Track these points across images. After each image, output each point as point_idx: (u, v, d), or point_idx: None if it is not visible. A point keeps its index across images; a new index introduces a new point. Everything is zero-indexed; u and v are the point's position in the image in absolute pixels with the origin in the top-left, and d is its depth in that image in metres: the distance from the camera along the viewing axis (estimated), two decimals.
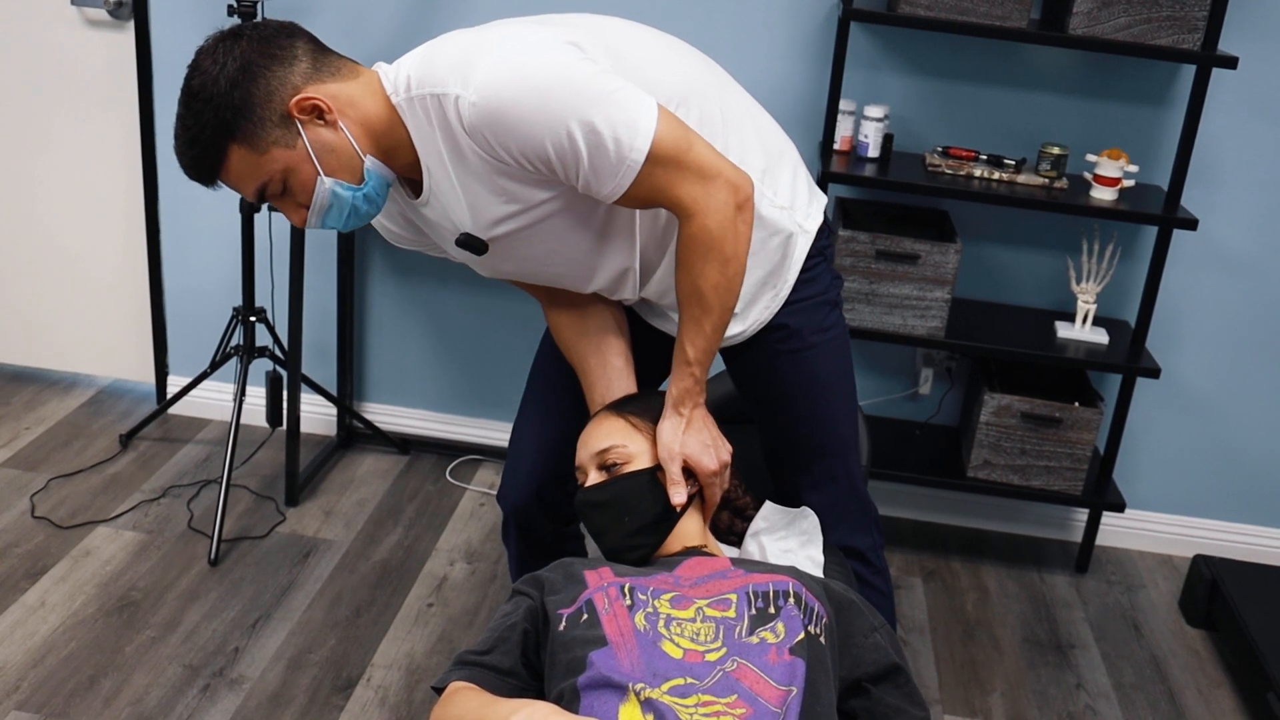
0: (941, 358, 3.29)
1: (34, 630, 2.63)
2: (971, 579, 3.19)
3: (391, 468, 3.44)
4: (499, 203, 1.74)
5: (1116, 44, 2.73)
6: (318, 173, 1.67)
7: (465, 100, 1.62)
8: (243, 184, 1.68)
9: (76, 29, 3.31)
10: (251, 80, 1.62)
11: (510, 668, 1.61)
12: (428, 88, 1.66)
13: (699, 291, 1.77)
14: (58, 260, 3.56)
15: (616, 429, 1.86)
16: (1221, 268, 3.12)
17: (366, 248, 3.38)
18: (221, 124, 1.62)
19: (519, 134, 1.62)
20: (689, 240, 1.73)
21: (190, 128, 1.63)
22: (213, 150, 1.64)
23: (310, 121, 1.65)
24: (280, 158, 1.65)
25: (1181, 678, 2.88)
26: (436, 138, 1.69)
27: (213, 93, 1.61)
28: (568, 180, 1.69)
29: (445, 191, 1.75)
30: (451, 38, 1.72)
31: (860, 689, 1.63)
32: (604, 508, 1.81)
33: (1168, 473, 3.33)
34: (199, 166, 1.66)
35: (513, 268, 1.90)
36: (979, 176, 2.92)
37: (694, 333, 1.81)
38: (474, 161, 1.69)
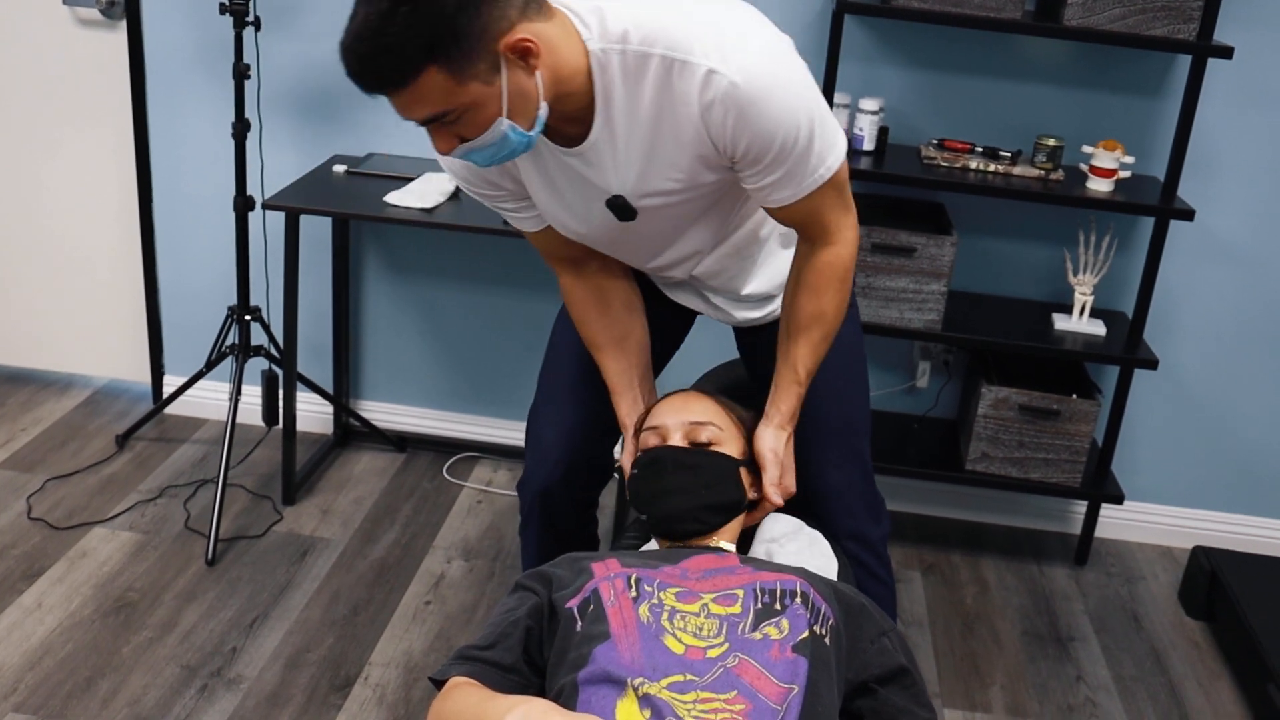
0: (939, 351, 3.28)
1: (31, 632, 2.62)
2: (971, 572, 3.18)
3: (388, 465, 3.44)
4: (670, 177, 1.72)
5: (1111, 35, 2.72)
6: (501, 114, 1.57)
7: (722, 77, 1.58)
8: (419, 107, 1.54)
9: (69, 29, 3.30)
10: (477, 8, 1.49)
11: (512, 664, 1.60)
12: (659, 48, 1.59)
13: (823, 315, 1.85)
14: (53, 261, 3.55)
15: (712, 409, 1.88)
16: (1218, 258, 3.11)
17: (361, 246, 3.37)
18: (432, 42, 1.47)
19: (760, 124, 1.61)
20: (823, 265, 1.82)
21: (388, 34, 1.46)
22: (408, 65, 1.48)
23: (515, 63, 1.54)
24: (475, 92, 1.53)
25: (1181, 669, 2.87)
26: (643, 98, 1.63)
27: (433, 8, 1.46)
28: (752, 175, 1.70)
29: (621, 150, 1.70)
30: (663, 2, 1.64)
31: (867, 689, 1.62)
32: (688, 470, 1.81)
33: (1166, 464, 3.33)
34: (380, 75, 1.50)
35: (616, 236, 1.87)
36: (975, 169, 2.91)
37: (808, 354, 1.88)
38: (682, 133, 1.65)
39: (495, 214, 2.88)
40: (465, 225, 2.85)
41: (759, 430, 1.90)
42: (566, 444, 2.12)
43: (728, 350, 2.33)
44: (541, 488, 2.14)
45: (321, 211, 2.91)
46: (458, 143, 1.60)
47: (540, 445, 2.14)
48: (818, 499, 2.07)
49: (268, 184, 3.28)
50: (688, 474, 1.81)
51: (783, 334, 1.91)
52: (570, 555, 1.73)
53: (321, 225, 3.33)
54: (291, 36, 3.18)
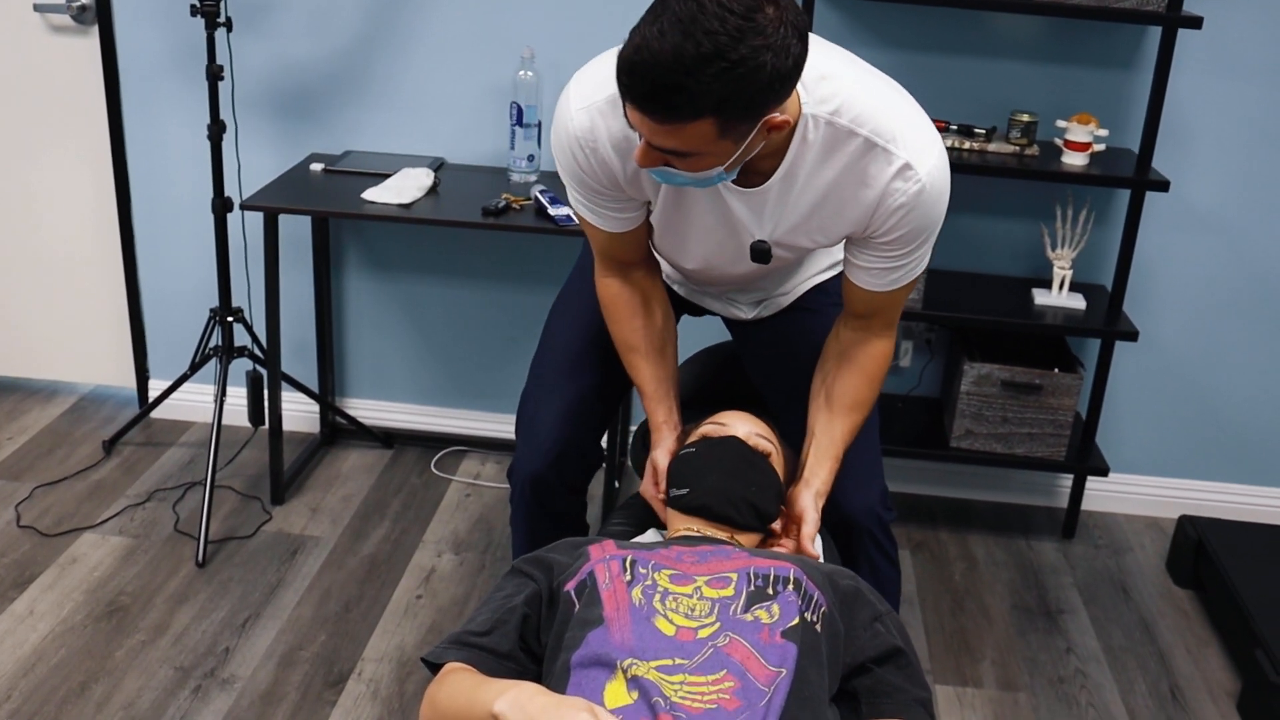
0: (920, 329, 3.29)
1: (23, 639, 2.63)
2: (959, 549, 3.20)
3: (376, 462, 3.44)
4: (816, 238, 1.84)
5: (1081, 8, 2.73)
6: (722, 165, 1.60)
7: (915, 174, 1.70)
8: (671, 139, 1.53)
9: (40, 35, 3.29)
10: (783, 85, 1.51)
11: (509, 651, 1.61)
12: (866, 130, 1.68)
13: (869, 402, 1.98)
14: (34, 269, 3.55)
15: (771, 434, 1.96)
16: (1195, 228, 3.13)
17: (341, 244, 3.37)
18: (725, 103, 1.48)
19: (922, 223, 1.76)
20: (879, 355, 1.96)
21: (691, 77, 1.45)
22: (692, 111, 1.48)
23: (763, 133, 1.59)
24: (723, 149, 1.56)
25: (1170, 638, 2.89)
26: (831, 166, 1.72)
27: (749, 78, 1.46)
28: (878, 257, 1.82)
29: (785, 202, 1.78)
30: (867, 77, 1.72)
31: (863, 669, 1.63)
32: (750, 465, 1.85)
33: (1150, 435, 3.34)
34: (660, 105, 1.49)
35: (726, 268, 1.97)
36: (950, 147, 2.92)
37: (849, 433, 1.97)
38: (854, 207, 1.75)
39: (473, 208, 2.88)
40: (444, 220, 2.85)
41: (799, 490, 1.94)
42: (559, 430, 2.14)
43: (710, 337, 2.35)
44: (533, 472, 2.15)
45: (300, 210, 2.91)
46: (662, 164, 1.61)
47: (533, 430, 2.15)
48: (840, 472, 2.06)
49: (245, 184, 3.28)
50: (748, 466, 1.85)
51: (821, 405, 1.99)
52: (568, 540, 1.74)
53: (301, 224, 3.33)
54: (264, 37, 3.17)
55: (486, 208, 2.87)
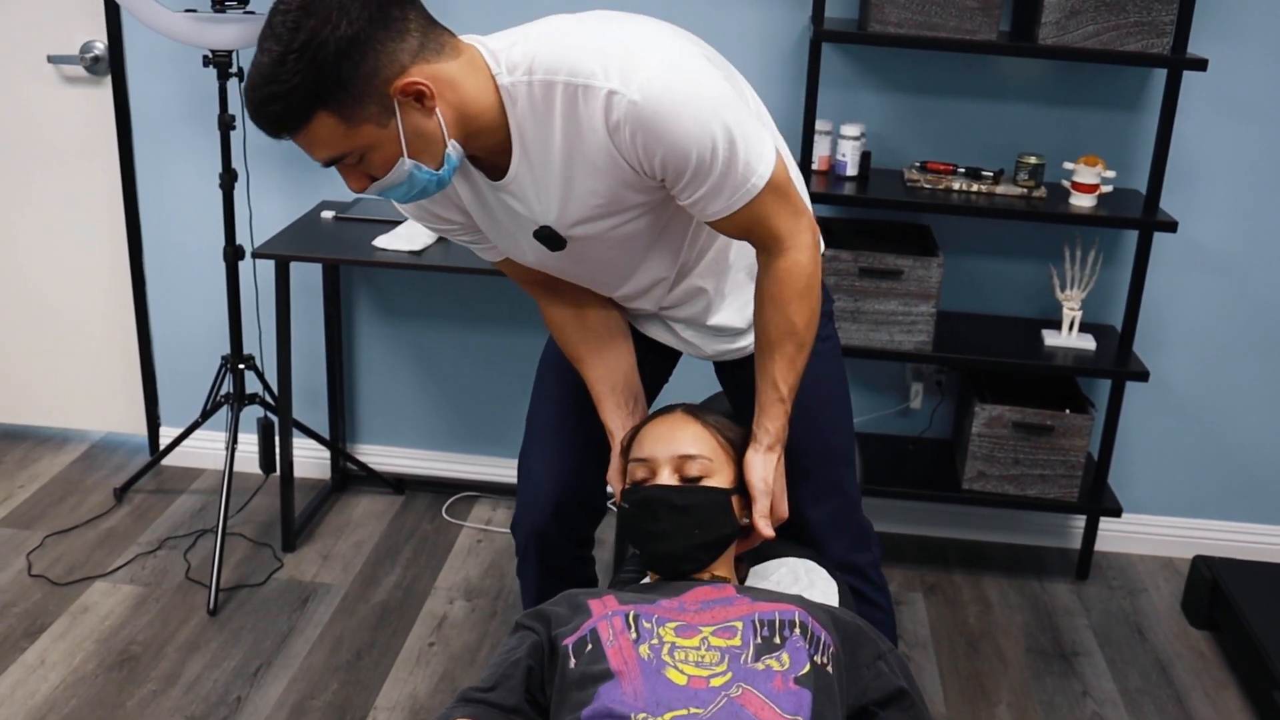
0: (930, 371, 3.29)
1: (35, 689, 2.62)
2: (973, 591, 3.18)
3: (387, 508, 3.44)
4: (594, 204, 1.71)
5: (1086, 52, 2.75)
6: (401, 154, 1.59)
7: (624, 98, 1.57)
8: (317, 150, 1.57)
9: (54, 85, 3.32)
10: (361, 54, 1.50)
11: (515, 705, 1.59)
12: (562, 75, 1.59)
13: (793, 327, 1.79)
14: (45, 317, 3.57)
15: (702, 438, 1.83)
16: (1204, 268, 3.13)
17: (352, 291, 3.38)
18: (318, 90, 1.50)
19: (671, 139, 1.59)
20: (783, 274, 1.77)
21: (282, 80, 1.49)
22: (300, 110, 1.51)
23: (409, 104, 1.56)
24: (369, 135, 1.55)
25: (1187, 680, 2.87)
26: (553, 127, 1.63)
27: (317, 56, 1.48)
28: (680, 191, 1.68)
29: (539, 180, 1.70)
30: (573, 25, 1.66)
31: (868, 713, 1.62)
32: (680, 511, 1.76)
33: (1163, 475, 3.33)
34: (276, 122, 1.53)
35: (560, 265, 1.87)
36: (958, 190, 2.93)
37: (787, 370, 1.82)
38: (595, 158, 1.64)
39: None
40: (455, 266, 2.87)
41: (748, 456, 1.85)
42: (556, 485, 2.11)
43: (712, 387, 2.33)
44: (534, 529, 2.13)
45: (311, 258, 2.92)
46: (369, 181, 1.62)
47: (530, 486, 2.14)
48: (805, 529, 2.07)
49: (257, 232, 3.30)
50: (680, 515, 1.77)
51: (758, 352, 1.87)
52: (569, 593, 1.72)
53: (312, 271, 3.34)
54: None
55: None
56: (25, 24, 3.28)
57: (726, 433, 1.87)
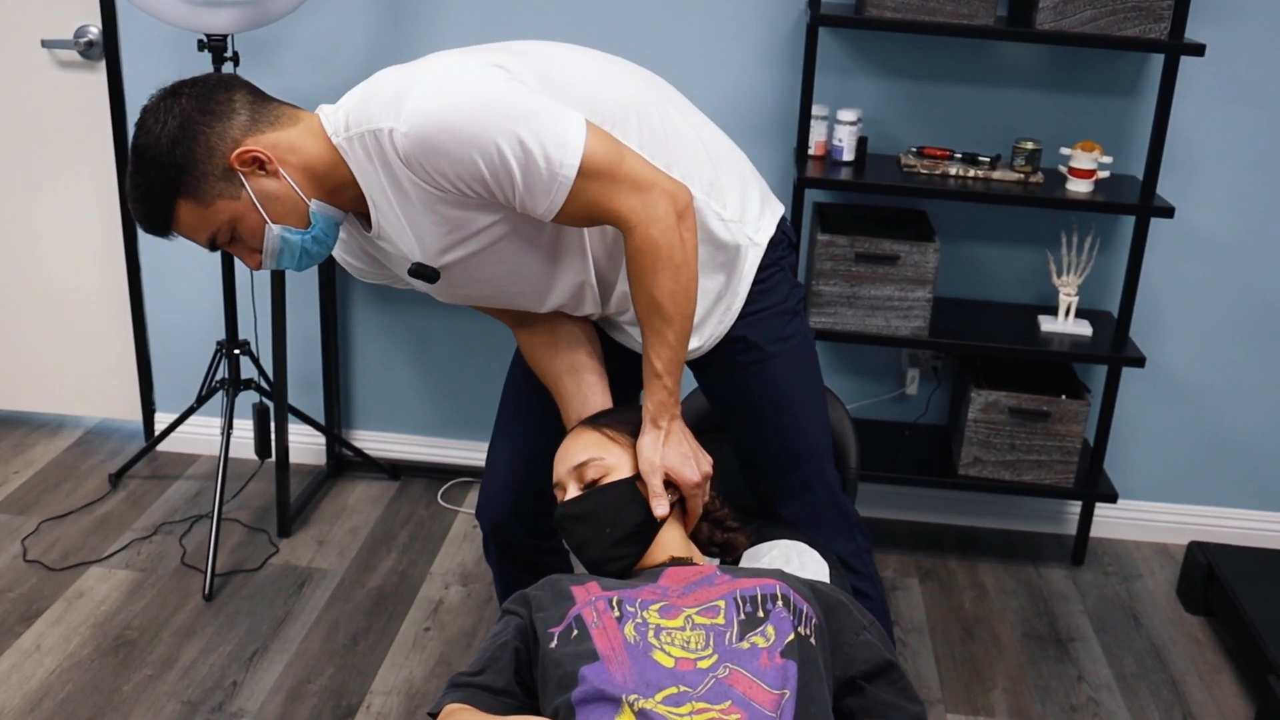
0: (927, 357, 3.29)
1: (30, 674, 2.62)
2: (968, 577, 3.19)
3: (382, 494, 3.44)
4: (443, 232, 1.77)
5: (1084, 37, 2.74)
6: (264, 221, 1.73)
7: (398, 132, 1.65)
8: (193, 234, 1.74)
9: (48, 70, 3.31)
10: (192, 138, 1.67)
11: (504, 687, 1.60)
12: (364, 125, 1.69)
13: (655, 302, 1.78)
14: (41, 302, 3.56)
15: (593, 442, 1.86)
16: (1200, 254, 3.13)
17: (348, 275, 3.38)
18: (167, 182, 1.68)
19: (451, 158, 1.64)
20: (635, 252, 1.76)
21: (139, 185, 1.69)
22: (161, 206, 1.70)
23: (252, 173, 1.71)
24: (226, 209, 1.71)
25: (1182, 665, 2.88)
26: (378, 173, 1.72)
27: (156, 152, 1.67)
28: (506, 201, 1.71)
29: (392, 224, 1.79)
30: (386, 75, 1.75)
31: (855, 687, 1.63)
32: (584, 520, 1.80)
33: (1158, 461, 3.34)
34: (150, 221, 1.72)
35: (469, 292, 1.92)
36: (954, 175, 2.93)
37: (658, 344, 1.82)
38: (414, 192, 1.71)
39: None
40: None
41: (639, 441, 1.85)
42: (511, 481, 2.13)
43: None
44: (493, 520, 2.15)
45: None
46: (258, 256, 1.77)
47: (489, 481, 2.16)
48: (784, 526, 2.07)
49: None
50: (585, 523, 1.80)
51: None
52: (553, 578, 1.72)
53: None
54: (270, 71, 3.19)
55: None
56: (19, 8, 3.27)
57: (622, 428, 1.88)
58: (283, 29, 3.16)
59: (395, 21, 3.13)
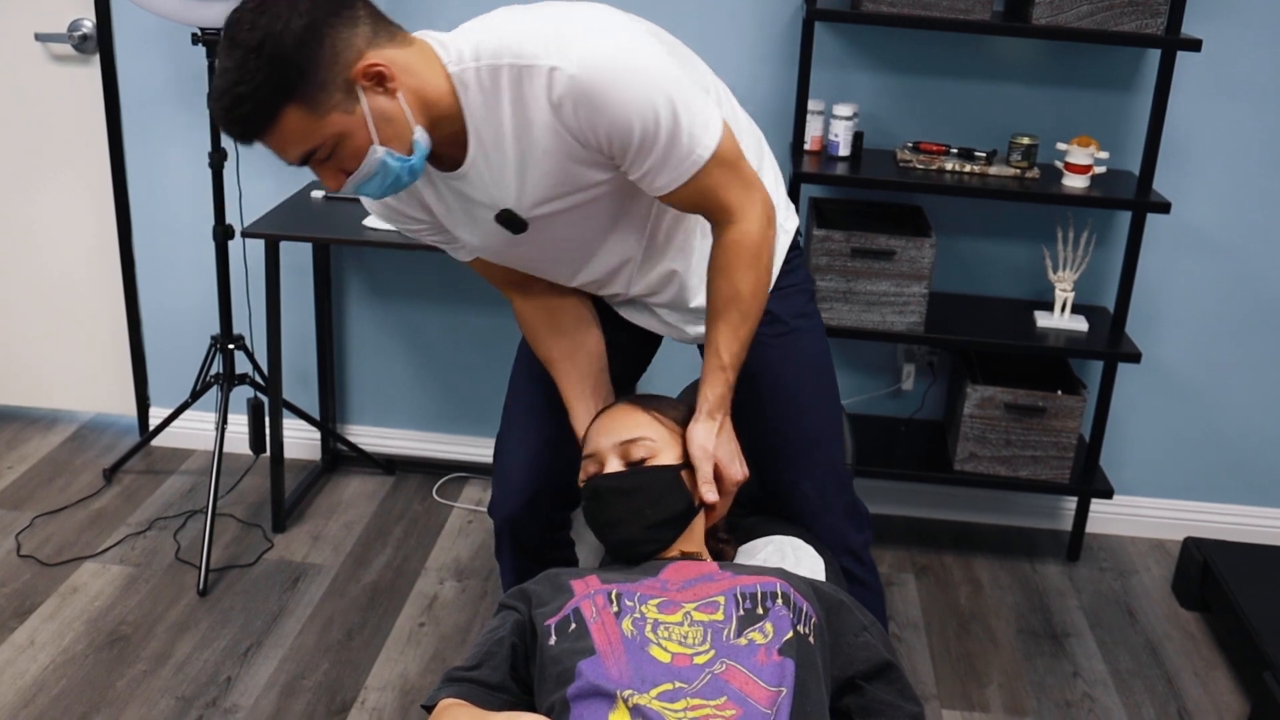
0: (922, 353, 3.29)
1: (24, 670, 2.61)
2: (964, 572, 3.18)
3: (377, 489, 3.43)
4: (551, 183, 1.73)
5: (1080, 32, 2.74)
6: (371, 141, 1.61)
7: (563, 73, 1.59)
8: (290, 147, 1.59)
9: (41, 64, 3.30)
10: (318, 40, 1.53)
11: (499, 682, 1.60)
12: (506, 58, 1.63)
13: (739, 296, 1.80)
14: (35, 297, 3.55)
15: (644, 422, 1.83)
16: (1196, 249, 3.13)
17: (342, 270, 3.37)
18: (282, 83, 1.52)
19: (612, 110, 1.61)
20: (731, 245, 1.79)
21: (243, 82, 1.52)
22: (266, 109, 1.54)
23: (371, 88, 1.59)
24: (338, 123, 1.58)
25: (1178, 661, 2.88)
26: (503, 110, 1.66)
27: (275, 50, 1.51)
28: (629, 166, 1.69)
29: (496, 166, 1.72)
30: (518, 12, 1.69)
31: (854, 687, 1.62)
32: (627, 496, 1.77)
33: (1154, 457, 3.33)
34: (245, 124, 1.56)
35: (524, 252, 1.88)
36: (951, 170, 2.93)
37: (730, 338, 1.83)
38: (544, 138, 1.67)
39: None
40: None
41: (690, 428, 1.84)
42: (529, 471, 2.11)
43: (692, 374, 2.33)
44: (508, 515, 2.13)
45: (301, 237, 2.91)
46: (344, 178, 1.64)
47: (505, 473, 2.14)
48: (796, 511, 2.07)
49: (246, 212, 3.28)
50: (628, 499, 1.76)
51: (706, 322, 1.87)
52: (551, 572, 1.72)
53: (302, 251, 3.33)
54: None
55: None
56: (12, 1, 3.25)
57: (670, 413, 1.87)
58: None
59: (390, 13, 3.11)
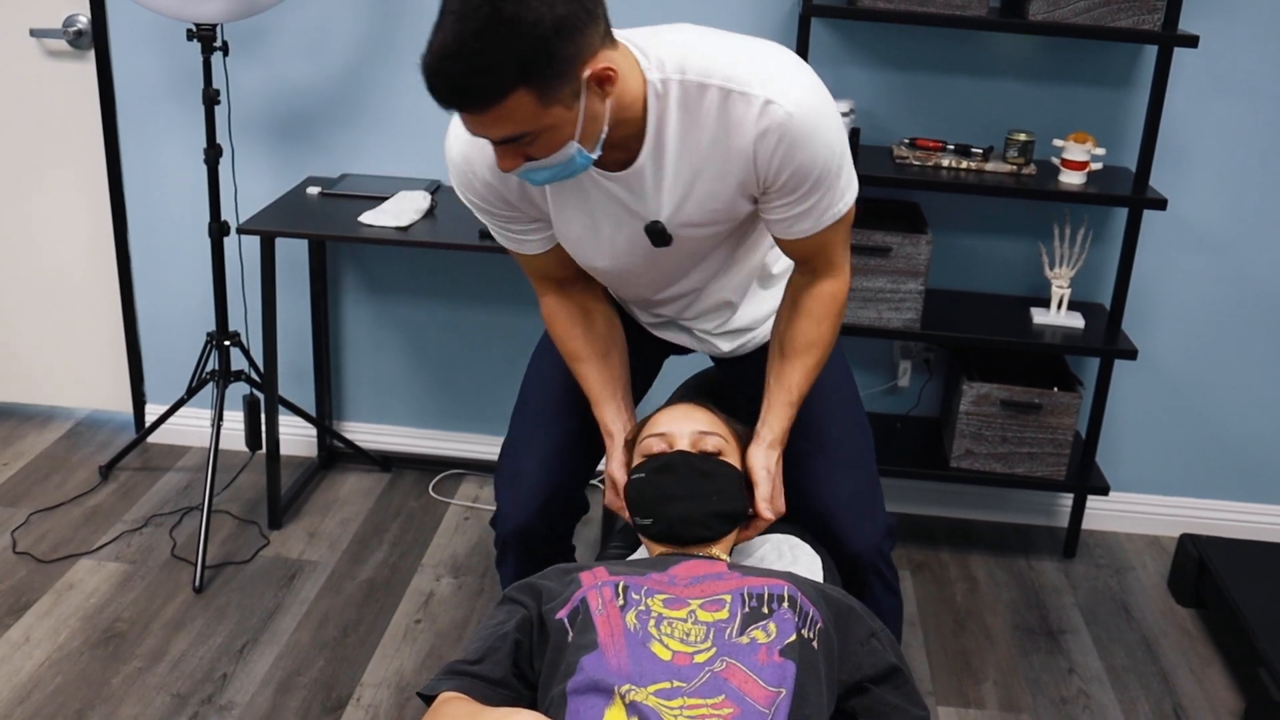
0: (919, 349, 3.29)
1: (19, 667, 2.61)
2: (960, 569, 3.18)
3: (374, 486, 3.43)
4: (711, 207, 1.78)
5: (1077, 28, 2.74)
6: (573, 137, 1.60)
7: (779, 108, 1.64)
8: (500, 126, 1.55)
9: (37, 60, 3.29)
10: (571, 34, 1.51)
11: (501, 678, 1.60)
12: (716, 79, 1.65)
13: (821, 342, 1.91)
14: (30, 293, 3.54)
15: (716, 421, 1.91)
16: (1193, 246, 3.13)
17: (338, 267, 3.37)
18: (525, 65, 1.49)
19: (806, 155, 1.68)
20: (825, 296, 1.89)
21: (481, 54, 1.47)
22: (499, 85, 1.50)
23: (593, 89, 1.58)
24: (556, 116, 1.56)
25: (1173, 657, 2.88)
26: (697, 126, 1.69)
27: (531, 31, 1.47)
28: (780, 204, 1.76)
29: (663, 176, 1.74)
30: (715, 35, 1.72)
31: (860, 689, 1.63)
32: (702, 477, 1.83)
33: (1150, 454, 3.34)
34: (469, 94, 1.51)
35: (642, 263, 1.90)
36: (947, 166, 2.92)
37: (803, 378, 1.92)
38: (729, 160, 1.70)
39: (470, 230, 2.88)
40: (441, 242, 2.85)
41: (752, 450, 1.91)
42: (544, 477, 2.11)
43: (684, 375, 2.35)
44: (520, 523, 2.12)
45: (297, 234, 2.91)
46: (523, 161, 1.62)
47: (517, 480, 2.12)
48: (835, 513, 2.06)
49: (242, 208, 3.28)
50: (700, 480, 1.82)
51: (775, 356, 1.95)
52: (559, 566, 1.73)
53: (298, 248, 3.33)
54: (260, 61, 3.17)
55: (484, 230, 2.86)
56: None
57: (734, 425, 1.96)
58: (272, 19, 3.14)
59: (385, 10, 3.12)
